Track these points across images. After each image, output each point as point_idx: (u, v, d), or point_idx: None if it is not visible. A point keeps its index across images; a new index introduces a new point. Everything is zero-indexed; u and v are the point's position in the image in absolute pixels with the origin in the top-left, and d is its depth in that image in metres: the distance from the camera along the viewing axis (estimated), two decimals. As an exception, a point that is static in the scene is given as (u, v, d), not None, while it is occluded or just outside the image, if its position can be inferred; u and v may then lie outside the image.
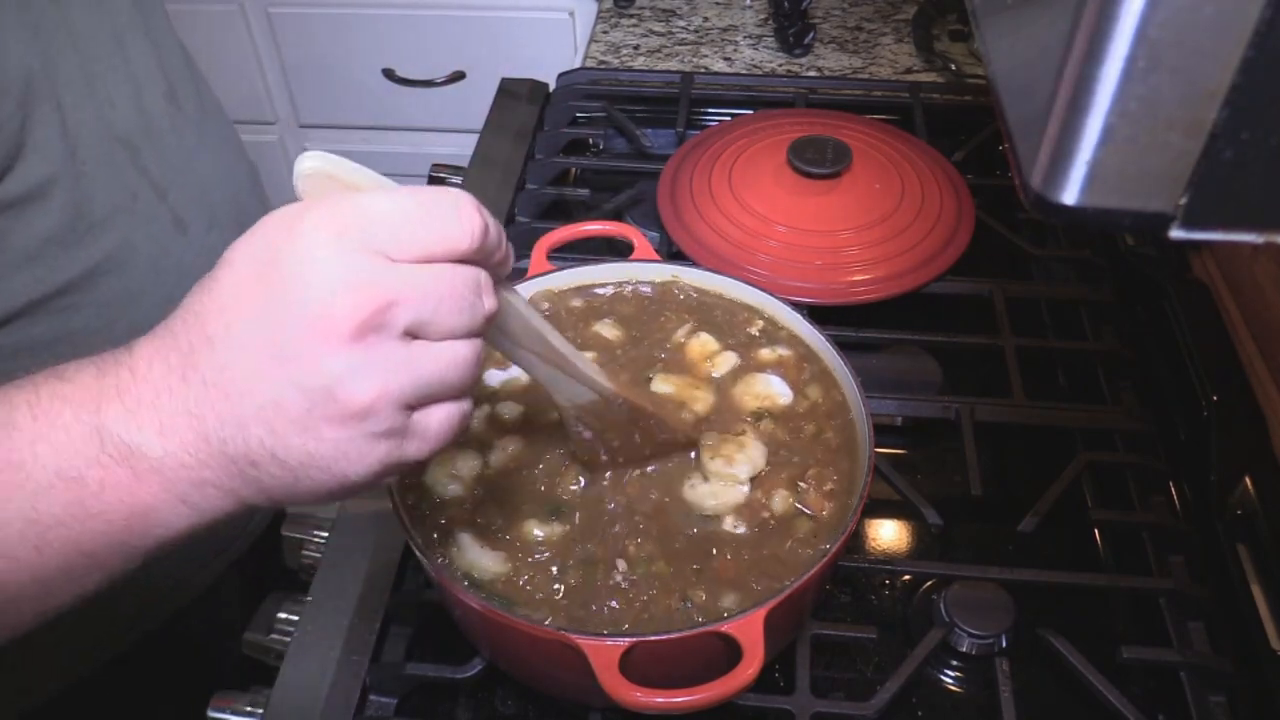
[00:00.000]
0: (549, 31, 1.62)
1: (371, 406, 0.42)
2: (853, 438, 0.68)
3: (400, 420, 0.43)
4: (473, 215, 0.43)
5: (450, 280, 0.43)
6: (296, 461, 0.42)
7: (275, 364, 0.41)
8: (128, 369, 0.43)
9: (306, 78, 1.72)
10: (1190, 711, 0.67)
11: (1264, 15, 0.31)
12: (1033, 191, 0.37)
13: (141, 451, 0.42)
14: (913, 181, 0.99)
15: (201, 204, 0.82)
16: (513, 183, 1.08)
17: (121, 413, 0.42)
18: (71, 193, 0.69)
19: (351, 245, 0.41)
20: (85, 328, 0.73)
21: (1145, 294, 0.91)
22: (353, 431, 0.42)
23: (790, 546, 0.63)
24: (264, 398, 0.41)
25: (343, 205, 0.42)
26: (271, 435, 0.42)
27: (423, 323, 0.42)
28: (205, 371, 0.42)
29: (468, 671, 0.67)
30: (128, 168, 0.75)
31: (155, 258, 0.77)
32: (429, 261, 0.42)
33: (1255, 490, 0.73)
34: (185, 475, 0.43)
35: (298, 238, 0.41)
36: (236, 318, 0.41)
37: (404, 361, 0.42)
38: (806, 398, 0.71)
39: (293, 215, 0.42)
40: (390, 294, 0.41)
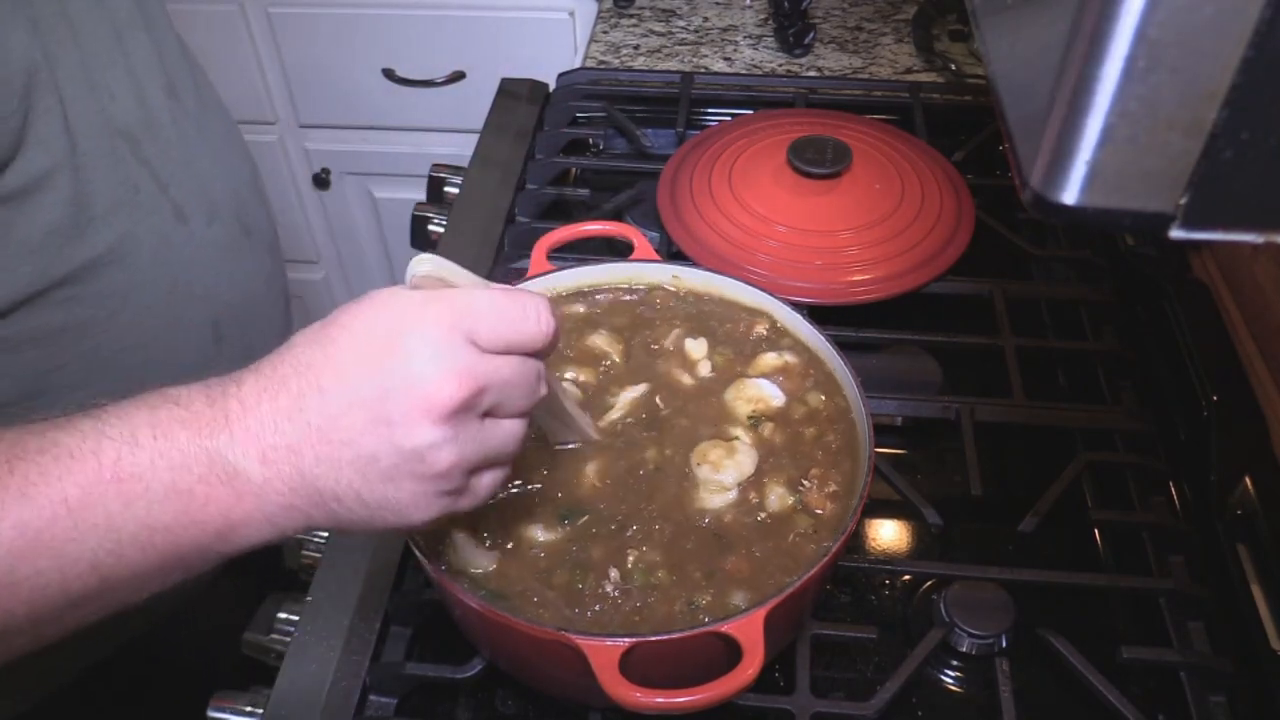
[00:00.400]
0: (549, 31, 1.62)
1: (449, 471, 0.50)
2: (853, 439, 0.68)
3: (463, 482, 0.52)
4: (549, 319, 0.52)
5: (524, 371, 0.52)
6: (375, 504, 0.50)
7: (380, 424, 0.48)
8: (237, 401, 0.49)
9: (306, 78, 1.72)
10: (1190, 711, 0.67)
11: (1264, 15, 0.31)
12: (1033, 191, 0.37)
13: (245, 475, 0.48)
14: (913, 181, 0.99)
15: (202, 197, 0.83)
16: (513, 183, 1.08)
17: (230, 439, 0.48)
18: (73, 185, 0.70)
19: (459, 337, 0.49)
20: (89, 318, 0.74)
21: (1145, 294, 0.91)
22: (428, 488, 0.50)
23: (793, 540, 0.63)
24: (364, 450, 0.48)
25: (457, 301, 0.50)
26: (361, 480, 0.49)
27: (499, 405, 0.51)
28: (312, 416, 0.48)
29: (468, 671, 0.67)
30: (129, 160, 0.76)
31: (157, 249, 0.78)
32: (510, 354, 0.51)
33: (1255, 490, 0.73)
34: (277, 500, 0.49)
35: (419, 323, 0.48)
36: (352, 378, 0.48)
37: (479, 435, 0.51)
38: (806, 403, 0.71)
39: (417, 302, 0.49)
40: (483, 382, 0.49)
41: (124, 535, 0.47)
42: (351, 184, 1.84)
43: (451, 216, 1.06)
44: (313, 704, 0.67)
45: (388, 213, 1.87)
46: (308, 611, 0.72)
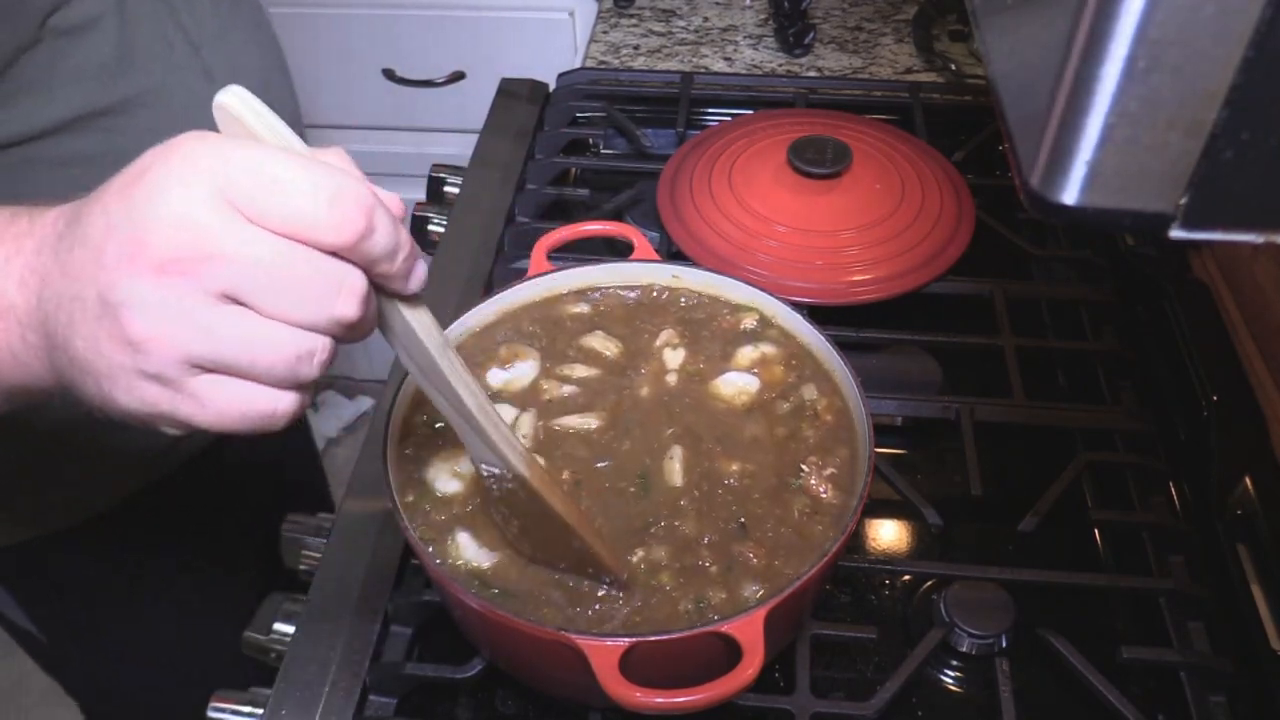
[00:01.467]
0: (549, 31, 1.62)
1: (144, 342, 0.41)
2: (850, 432, 0.68)
3: (177, 372, 0.42)
4: (350, 210, 0.41)
5: (299, 264, 0.41)
6: (78, 360, 0.43)
7: (95, 265, 0.41)
8: (30, 220, 0.46)
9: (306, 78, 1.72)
10: (1190, 711, 0.67)
11: (1264, 15, 0.31)
12: (1032, 191, 0.37)
13: (5, 294, 0.45)
14: (913, 181, 0.99)
15: (230, 65, 0.90)
16: (513, 183, 1.08)
17: (3, 257, 0.45)
18: (119, 31, 0.78)
19: (207, 190, 0.40)
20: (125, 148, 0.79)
21: (1145, 294, 0.91)
22: (124, 359, 0.42)
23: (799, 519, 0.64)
24: (78, 290, 0.42)
25: (225, 149, 0.41)
26: (70, 326, 0.43)
27: (245, 292, 0.41)
28: (62, 244, 0.44)
29: (468, 671, 0.67)
30: (167, 21, 0.83)
31: (186, 102, 0.84)
32: (287, 237, 0.41)
33: (1255, 490, 0.73)
34: (18, 330, 0.46)
35: (167, 162, 0.41)
36: (98, 208, 0.42)
37: (204, 319, 0.41)
38: (802, 395, 0.71)
39: (183, 139, 0.42)
40: (215, 246, 0.40)
41: None
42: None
43: (451, 216, 1.05)
44: (313, 704, 0.67)
45: (388, 213, 1.87)
46: (308, 611, 0.72)
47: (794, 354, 0.73)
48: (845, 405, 0.70)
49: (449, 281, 0.97)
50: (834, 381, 0.71)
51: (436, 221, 1.09)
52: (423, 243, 1.10)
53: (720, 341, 0.75)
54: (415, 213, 1.11)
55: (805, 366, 0.72)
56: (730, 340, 0.74)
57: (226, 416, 0.44)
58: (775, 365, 0.73)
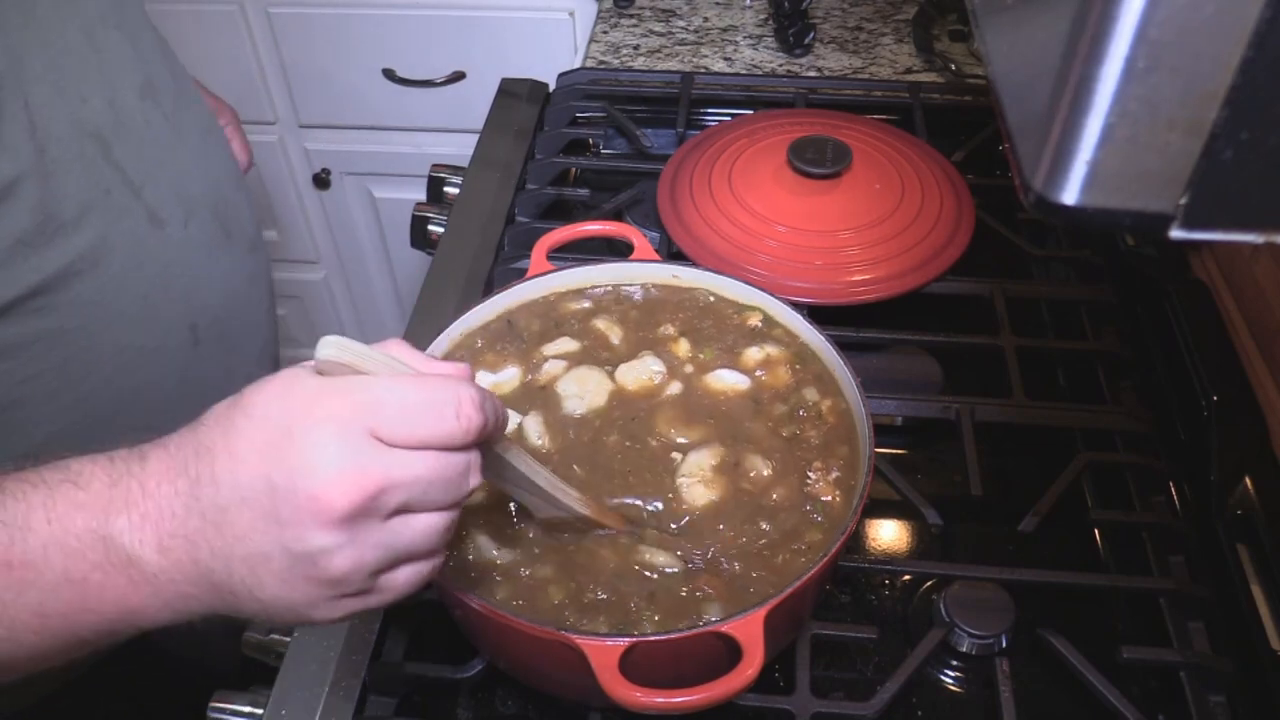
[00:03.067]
0: (549, 31, 1.62)
1: (345, 576, 0.47)
2: (851, 433, 0.68)
3: (368, 584, 0.48)
4: (471, 415, 0.47)
5: (439, 467, 0.47)
6: (271, 601, 0.47)
7: (270, 524, 0.45)
8: (138, 483, 0.47)
9: (306, 78, 1.72)
10: (1190, 711, 0.67)
11: (1264, 15, 0.31)
12: (1033, 191, 0.37)
13: (139, 564, 0.46)
14: (913, 181, 0.99)
15: (179, 198, 0.82)
16: (513, 183, 1.08)
17: (127, 526, 0.46)
18: (40, 191, 0.69)
19: (357, 436, 0.45)
20: (61, 328, 0.73)
21: (1145, 294, 0.91)
22: (324, 591, 0.47)
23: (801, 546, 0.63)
24: (254, 549, 0.46)
25: (354, 394, 0.46)
26: (254, 578, 0.46)
27: (409, 504, 0.47)
28: (206, 508, 0.46)
29: (468, 671, 0.67)
30: (99, 163, 0.74)
31: (131, 253, 0.77)
32: (425, 449, 0.46)
33: (1255, 490, 0.73)
34: (173, 589, 0.47)
35: (311, 420, 0.45)
36: (243, 472, 0.45)
37: (383, 538, 0.47)
38: (804, 397, 0.71)
39: (310, 395, 0.46)
40: (382, 482, 0.45)
41: (17, 622, 0.47)
42: (351, 184, 1.84)
43: (451, 216, 1.06)
44: (313, 704, 0.67)
45: (388, 213, 1.87)
46: (308, 611, 0.72)
47: (799, 354, 0.73)
48: (847, 406, 0.70)
49: (449, 281, 0.97)
50: (834, 381, 0.71)
51: (436, 221, 1.09)
52: (423, 243, 1.10)
53: (730, 337, 0.75)
54: (415, 213, 1.11)
55: (809, 368, 0.72)
56: (738, 338, 0.75)
57: (403, 593, 0.50)
58: (780, 366, 0.72)
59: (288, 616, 0.49)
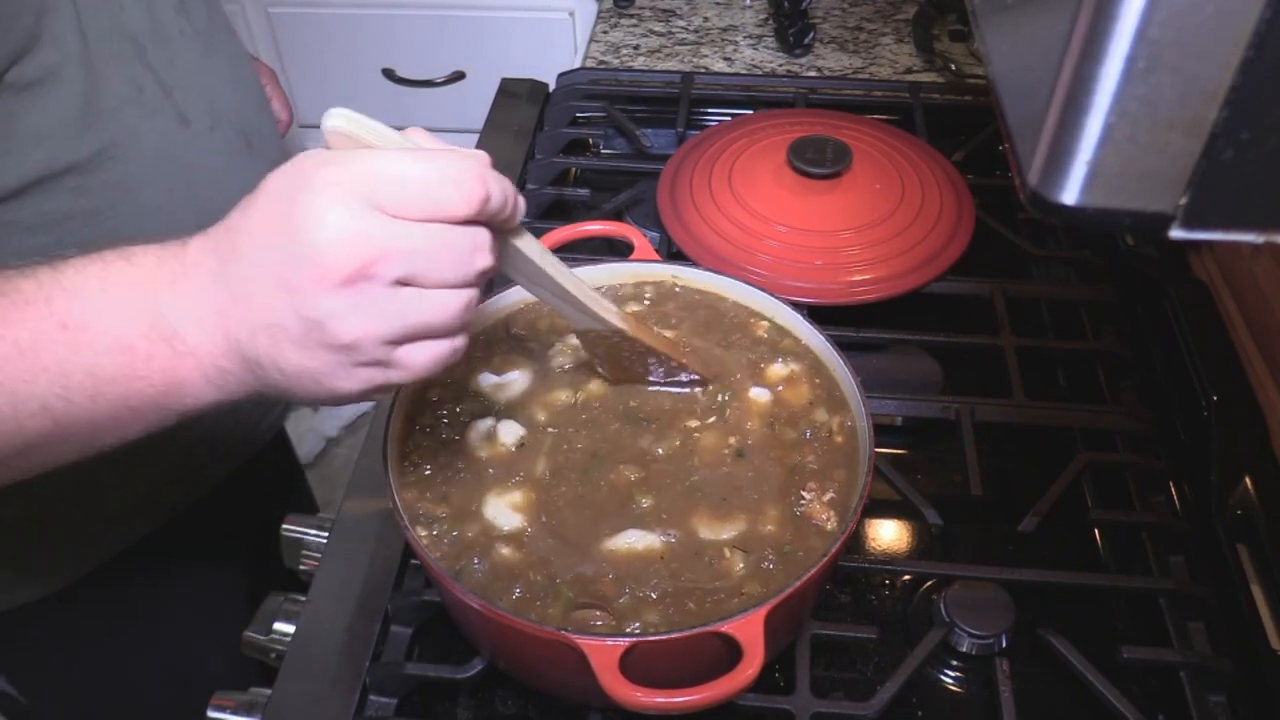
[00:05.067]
0: (549, 31, 1.62)
1: (356, 342, 0.48)
2: (854, 443, 0.68)
3: (384, 353, 0.50)
4: (473, 186, 0.49)
5: (444, 239, 0.49)
6: (292, 371, 0.50)
7: (282, 292, 0.47)
8: (180, 263, 0.50)
9: (306, 78, 1.72)
10: (1190, 711, 0.67)
11: (1264, 15, 0.31)
12: (1032, 191, 0.37)
13: (181, 335, 0.50)
14: (913, 181, 0.99)
15: (206, 106, 0.86)
16: (513, 183, 1.08)
17: (171, 299, 0.50)
18: (82, 81, 0.74)
19: (356, 201, 0.47)
20: (93, 208, 0.77)
21: (1145, 294, 0.91)
22: (340, 357, 0.49)
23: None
24: (271, 317, 0.48)
25: (355, 164, 0.47)
26: (274, 348, 0.49)
27: (413, 274, 0.48)
28: (232, 281, 0.49)
29: (468, 671, 0.67)
30: (135, 63, 0.79)
31: (159, 148, 0.81)
32: (428, 221, 0.48)
33: (1255, 490, 0.73)
34: (210, 361, 0.50)
35: (313, 189, 0.47)
36: (259, 243, 0.48)
37: (391, 307, 0.48)
38: (814, 418, 0.70)
39: (313, 165, 0.48)
40: (382, 248, 0.47)
41: (72, 381, 0.50)
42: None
43: (451, 216, 1.05)
44: (313, 704, 0.67)
45: (388, 213, 1.87)
46: (308, 611, 0.72)
47: (815, 369, 0.72)
48: (855, 424, 0.69)
49: (449, 281, 0.97)
50: (835, 381, 0.71)
51: (436, 221, 1.09)
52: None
53: (752, 352, 0.74)
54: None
55: (825, 385, 0.72)
56: (761, 355, 0.74)
57: (426, 368, 0.52)
58: (801, 383, 0.72)
59: (311, 388, 0.51)
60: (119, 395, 0.51)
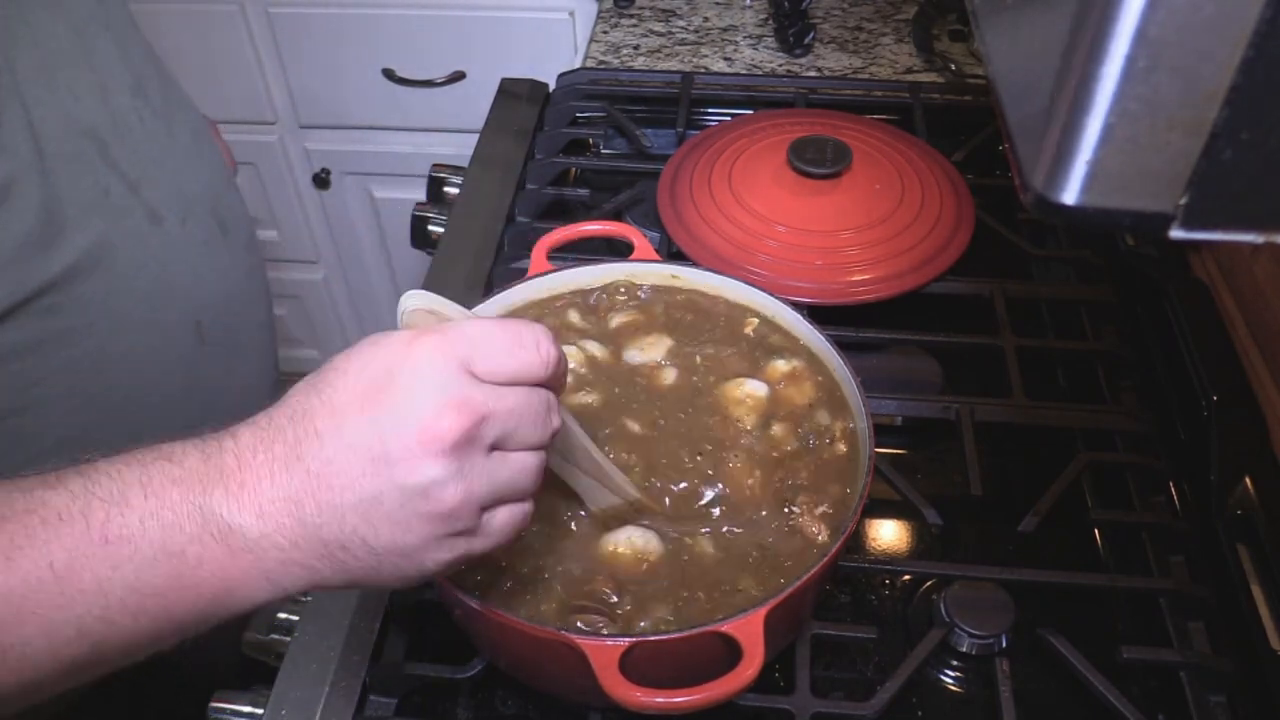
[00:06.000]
0: (549, 31, 1.62)
1: (457, 509, 0.48)
2: (855, 456, 0.67)
3: (475, 521, 0.49)
4: (550, 348, 0.50)
5: (529, 401, 0.50)
6: (384, 549, 0.48)
7: (380, 464, 0.46)
8: (233, 455, 0.47)
9: (306, 78, 1.72)
10: (1190, 711, 0.67)
11: (1264, 15, 0.31)
12: (1033, 191, 0.37)
13: (240, 531, 0.46)
14: (913, 181, 0.99)
15: (176, 196, 0.82)
16: (513, 183, 1.08)
17: (224, 496, 0.46)
18: (40, 191, 0.69)
19: (454, 369, 0.47)
20: (69, 327, 0.74)
21: (1145, 294, 0.91)
22: (437, 528, 0.48)
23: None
24: (366, 493, 0.46)
25: (449, 333, 0.48)
26: (367, 525, 0.47)
27: (505, 436, 0.49)
28: (310, 463, 0.46)
29: (468, 671, 0.67)
30: (96, 162, 0.75)
31: (133, 252, 0.77)
32: (513, 384, 0.49)
33: (1255, 490, 0.73)
34: (276, 555, 0.47)
35: (412, 359, 0.47)
36: (348, 420, 0.46)
37: (487, 470, 0.48)
38: (817, 421, 0.69)
39: (407, 339, 0.48)
40: (483, 410, 0.47)
41: (113, 600, 0.45)
42: (351, 184, 1.84)
43: (451, 216, 1.06)
44: (313, 704, 0.67)
45: (388, 213, 1.87)
46: (308, 611, 0.72)
47: (819, 373, 0.72)
48: (857, 428, 0.68)
49: (449, 281, 0.97)
50: (835, 382, 0.71)
51: (436, 221, 1.09)
52: (423, 243, 1.10)
53: (752, 349, 0.74)
54: (415, 213, 1.11)
55: (826, 388, 0.71)
56: (762, 353, 0.73)
57: (506, 536, 0.52)
58: (805, 382, 0.71)
59: (400, 564, 0.49)
60: (163, 608, 0.47)
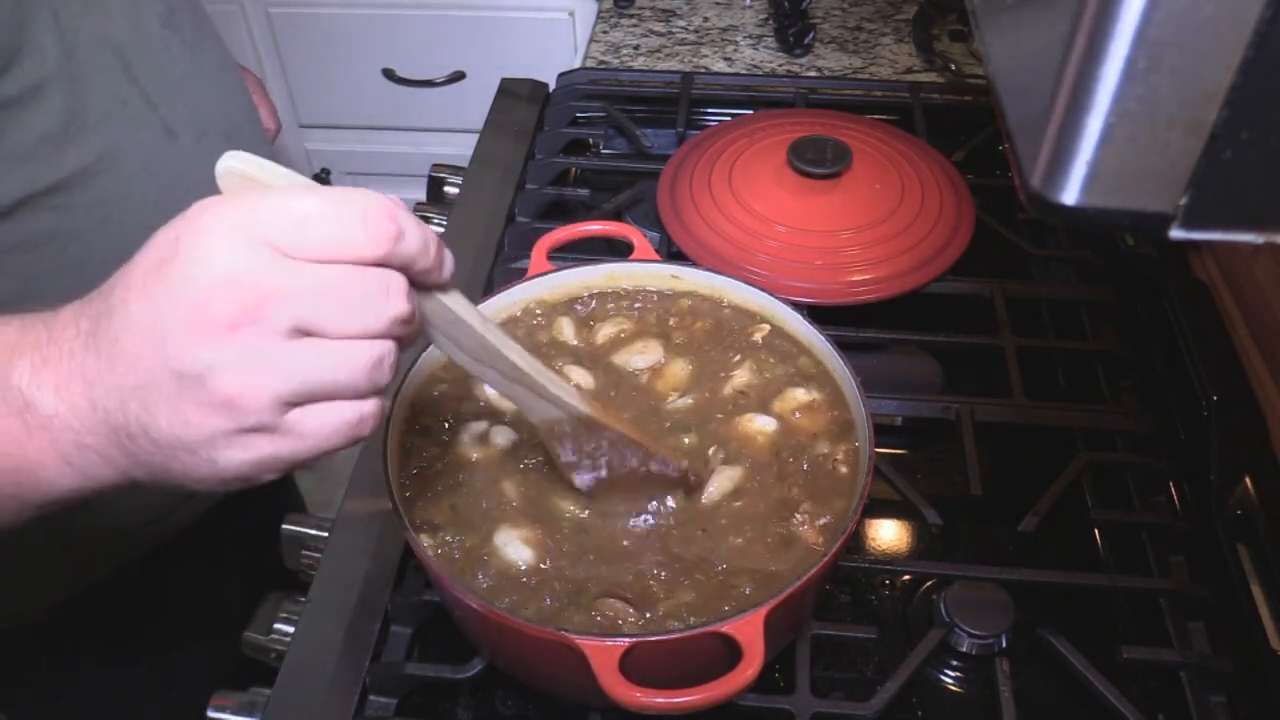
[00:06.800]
0: (549, 31, 1.62)
1: (238, 398, 0.42)
2: (856, 472, 0.66)
3: (275, 416, 0.43)
4: (381, 222, 0.43)
5: (345, 280, 0.43)
6: (166, 442, 0.43)
7: (155, 345, 0.42)
8: (46, 327, 0.45)
9: (306, 78, 1.72)
10: (1190, 711, 0.67)
11: (1264, 15, 0.31)
12: (1032, 191, 0.37)
13: (35, 407, 0.44)
14: (913, 181, 0.99)
15: (193, 117, 0.84)
16: (513, 183, 1.08)
17: (28, 368, 0.44)
18: (65, 95, 0.72)
19: (245, 240, 0.41)
20: (79, 226, 0.76)
21: (1145, 294, 0.91)
22: (221, 421, 0.43)
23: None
24: (142, 376, 0.42)
25: (247, 202, 0.42)
26: (145, 413, 0.43)
27: (309, 321, 0.42)
28: (102, 340, 0.43)
29: (468, 671, 0.67)
30: (119, 76, 0.77)
31: (145, 162, 0.79)
32: (329, 263, 0.42)
33: (1255, 490, 0.73)
34: (69, 437, 0.44)
35: (197, 229, 0.42)
36: (133, 295, 0.43)
37: (283, 358, 0.42)
38: (831, 445, 0.68)
39: (200, 207, 0.43)
40: (269, 286, 0.41)
41: None
42: (351, 184, 1.84)
43: (451, 216, 1.06)
44: (313, 704, 0.67)
45: (388, 213, 1.87)
46: (308, 611, 0.72)
47: (834, 400, 0.70)
48: (858, 429, 0.67)
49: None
50: (835, 382, 0.71)
51: (436, 221, 1.09)
52: (423, 243, 1.10)
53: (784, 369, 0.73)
54: (415, 213, 1.11)
55: (840, 417, 0.69)
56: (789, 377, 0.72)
57: (326, 440, 0.45)
58: (819, 414, 0.70)
59: (189, 462, 0.44)
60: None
